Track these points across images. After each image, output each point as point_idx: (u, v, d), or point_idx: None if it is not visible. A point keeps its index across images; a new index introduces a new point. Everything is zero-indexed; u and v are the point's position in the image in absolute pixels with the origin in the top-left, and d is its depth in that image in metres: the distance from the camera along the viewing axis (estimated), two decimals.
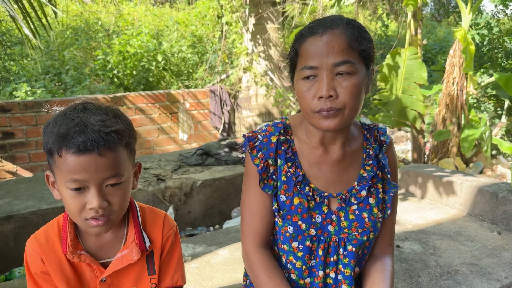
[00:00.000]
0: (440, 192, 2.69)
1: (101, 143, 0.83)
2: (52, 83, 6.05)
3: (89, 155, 0.83)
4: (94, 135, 0.83)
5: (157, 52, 6.55)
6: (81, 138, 0.82)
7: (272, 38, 5.68)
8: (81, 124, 0.84)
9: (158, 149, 5.51)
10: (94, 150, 0.82)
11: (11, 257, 2.64)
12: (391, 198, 1.09)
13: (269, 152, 1.04)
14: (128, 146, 0.91)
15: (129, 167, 0.93)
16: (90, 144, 0.82)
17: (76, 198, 0.86)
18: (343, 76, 0.92)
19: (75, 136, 0.82)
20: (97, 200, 0.85)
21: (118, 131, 0.87)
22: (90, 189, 0.85)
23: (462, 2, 3.99)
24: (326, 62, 0.91)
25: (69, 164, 0.83)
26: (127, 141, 0.90)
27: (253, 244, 1.05)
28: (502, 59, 5.89)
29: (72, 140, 0.82)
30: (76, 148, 0.82)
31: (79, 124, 0.84)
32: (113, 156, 0.86)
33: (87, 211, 0.86)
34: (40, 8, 2.65)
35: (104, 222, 0.88)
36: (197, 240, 2.23)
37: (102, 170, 0.85)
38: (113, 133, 0.85)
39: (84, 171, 0.83)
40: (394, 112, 3.80)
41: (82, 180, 0.84)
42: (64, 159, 0.83)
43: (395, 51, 3.70)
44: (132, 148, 0.93)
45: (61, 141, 0.83)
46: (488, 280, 1.71)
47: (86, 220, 0.88)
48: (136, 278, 1.01)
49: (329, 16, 0.97)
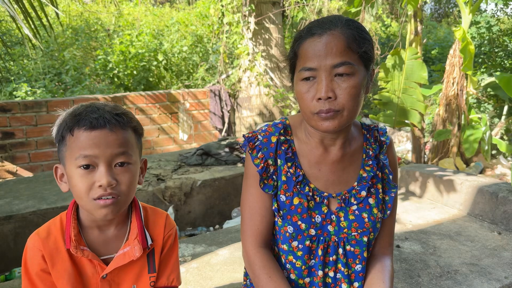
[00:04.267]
0: (440, 192, 2.69)
1: (112, 121, 0.90)
2: (52, 83, 6.05)
3: (100, 131, 0.88)
4: (106, 114, 0.90)
5: (158, 52, 6.55)
6: (94, 115, 0.89)
7: (273, 38, 5.69)
8: (93, 106, 0.92)
9: (158, 149, 5.51)
10: (105, 126, 0.88)
11: (11, 257, 2.64)
12: (392, 198, 1.09)
13: (269, 152, 1.04)
14: (136, 131, 0.97)
15: (137, 153, 0.96)
16: (102, 120, 0.88)
17: (85, 177, 0.88)
18: (342, 78, 0.91)
19: (89, 114, 0.89)
20: (106, 177, 0.87)
21: (127, 114, 0.94)
22: (99, 167, 0.88)
23: (462, 2, 3.99)
24: (324, 64, 0.91)
25: (81, 140, 0.88)
26: (135, 124, 0.96)
27: (254, 244, 1.05)
28: (502, 59, 5.88)
29: (86, 117, 0.89)
30: (89, 123, 0.88)
31: (92, 106, 0.92)
32: (123, 134, 0.91)
33: (96, 190, 0.88)
34: (40, 8, 2.65)
35: (112, 202, 0.89)
36: (197, 240, 2.23)
37: (112, 146, 0.89)
38: (123, 115, 0.93)
39: (95, 146, 0.87)
40: (394, 112, 3.80)
41: (93, 155, 0.87)
42: (76, 137, 0.88)
43: (396, 51, 3.70)
44: (139, 135, 0.99)
45: (75, 121, 0.89)
46: (488, 280, 1.71)
47: (93, 200, 0.89)
48: (137, 275, 1.02)
49: (328, 16, 0.97)
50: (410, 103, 3.73)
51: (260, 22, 5.57)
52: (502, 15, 6.70)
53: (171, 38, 7.26)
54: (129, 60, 6.28)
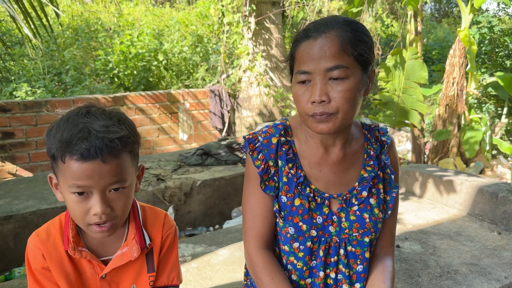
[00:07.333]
0: (440, 192, 2.69)
1: (104, 150, 0.83)
2: (52, 83, 6.05)
3: (92, 162, 0.83)
4: (98, 142, 0.82)
5: (159, 52, 6.55)
6: (85, 145, 0.82)
7: (273, 38, 5.69)
8: (84, 131, 0.83)
9: (158, 149, 5.51)
10: (98, 157, 0.82)
11: (11, 257, 2.64)
12: (394, 198, 1.09)
13: (270, 154, 1.04)
14: (131, 152, 0.91)
15: (132, 172, 0.93)
16: (93, 151, 0.82)
17: (80, 203, 0.87)
18: (336, 81, 0.91)
19: (79, 143, 0.82)
20: (100, 206, 0.86)
21: (122, 138, 0.86)
22: (93, 195, 0.86)
23: (462, 2, 3.99)
24: (318, 67, 0.91)
25: (73, 170, 0.83)
26: (131, 148, 0.90)
27: (255, 246, 1.05)
28: (502, 59, 5.88)
29: (76, 146, 0.82)
30: (80, 155, 0.82)
31: (83, 131, 0.83)
32: (117, 163, 0.86)
33: (91, 217, 0.87)
34: (40, 8, 2.65)
35: (108, 228, 0.89)
36: (197, 240, 2.23)
37: (106, 177, 0.85)
38: (117, 140, 0.85)
39: (88, 178, 0.84)
40: (394, 112, 3.80)
41: (86, 186, 0.85)
42: (68, 165, 0.84)
43: (396, 51, 3.70)
44: (135, 153, 0.94)
45: (65, 147, 0.83)
46: (488, 280, 1.71)
47: (89, 225, 0.89)
48: (136, 275, 1.02)
49: (325, 18, 0.96)
50: (410, 103, 3.73)
51: (260, 22, 5.57)
52: (503, 15, 6.69)
53: (172, 38, 7.26)
54: (130, 60, 6.28)
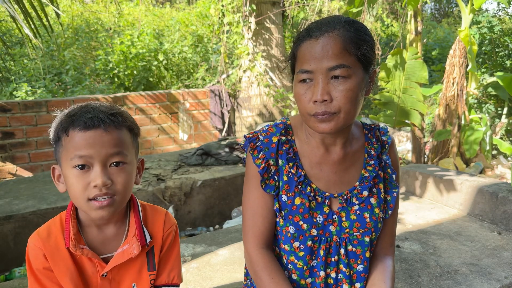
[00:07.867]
0: (440, 192, 2.69)
1: (107, 120, 0.90)
2: (52, 83, 6.05)
3: (95, 131, 0.88)
4: (101, 114, 0.90)
5: (159, 51, 6.55)
6: (89, 115, 0.89)
7: (273, 38, 5.69)
8: (88, 107, 0.93)
9: (158, 149, 5.51)
10: (100, 125, 0.89)
11: (11, 257, 2.64)
12: (394, 198, 1.09)
13: (270, 153, 1.04)
14: (131, 130, 0.96)
15: (132, 152, 0.96)
16: (96, 120, 0.88)
17: (81, 177, 0.88)
18: (338, 80, 0.91)
19: (83, 115, 0.89)
20: (101, 177, 0.88)
21: (122, 114, 0.94)
22: (94, 167, 0.88)
23: (462, 2, 3.99)
24: (320, 67, 0.91)
25: (76, 140, 0.88)
26: (130, 123, 0.96)
27: (255, 245, 1.05)
28: (502, 59, 5.88)
29: (80, 117, 0.89)
30: (84, 123, 0.88)
31: (87, 106, 0.93)
32: (118, 134, 0.91)
33: (91, 190, 0.88)
34: (40, 8, 2.65)
35: (108, 203, 0.89)
36: (197, 240, 2.23)
37: (107, 146, 0.89)
38: (118, 115, 0.93)
39: (90, 146, 0.87)
40: (394, 112, 3.80)
41: (87, 155, 0.88)
42: (71, 137, 0.89)
43: (396, 51, 3.70)
44: (135, 134, 0.99)
45: (70, 121, 0.89)
46: (488, 280, 1.71)
47: (89, 200, 0.89)
48: (136, 273, 1.02)
49: (327, 17, 0.97)
50: (410, 103, 3.73)
51: (260, 22, 5.57)
52: (503, 15, 6.69)
53: (172, 38, 7.26)
54: (130, 60, 6.28)
